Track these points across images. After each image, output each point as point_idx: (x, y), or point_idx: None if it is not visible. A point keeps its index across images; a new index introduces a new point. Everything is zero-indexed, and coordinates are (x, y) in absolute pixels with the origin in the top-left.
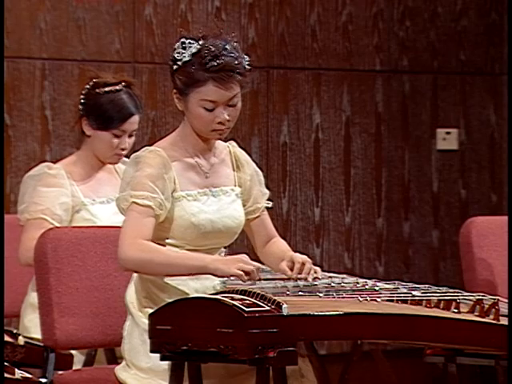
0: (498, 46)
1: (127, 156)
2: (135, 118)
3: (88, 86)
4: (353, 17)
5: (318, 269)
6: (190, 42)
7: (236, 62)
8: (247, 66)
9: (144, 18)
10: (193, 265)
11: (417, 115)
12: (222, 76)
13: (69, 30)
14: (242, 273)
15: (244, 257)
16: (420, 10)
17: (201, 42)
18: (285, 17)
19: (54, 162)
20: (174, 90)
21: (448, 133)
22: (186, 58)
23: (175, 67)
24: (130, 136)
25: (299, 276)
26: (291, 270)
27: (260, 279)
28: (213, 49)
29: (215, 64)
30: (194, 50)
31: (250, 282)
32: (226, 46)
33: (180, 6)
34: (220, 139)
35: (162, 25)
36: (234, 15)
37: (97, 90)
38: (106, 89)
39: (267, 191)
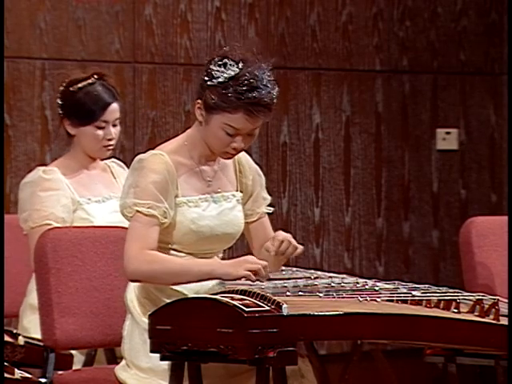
0: (497, 46)
1: (117, 158)
2: (114, 107)
3: (62, 87)
4: (353, 17)
5: (299, 247)
6: (230, 64)
7: (269, 98)
8: (275, 99)
9: (144, 18)
10: (201, 271)
11: (417, 115)
12: (254, 110)
13: (69, 30)
14: (249, 273)
15: (249, 257)
16: (420, 10)
17: (240, 66)
18: (285, 17)
19: (47, 165)
20: (199, 101)
21: (448, 133)
22: (222, 80)
23: (210, 83)
24: (114, 125)
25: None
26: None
27: (269, 277)
28: (251, 79)
29: (250, 96)
30: (232, 74)
31: (249, 282)
32: (264, 78)
33: (180, 6)
34: (227, 160)
35: (162, 25)
36: (233, 15)
37: (70, 89)
38: (79, 85)
39: (269, 197)
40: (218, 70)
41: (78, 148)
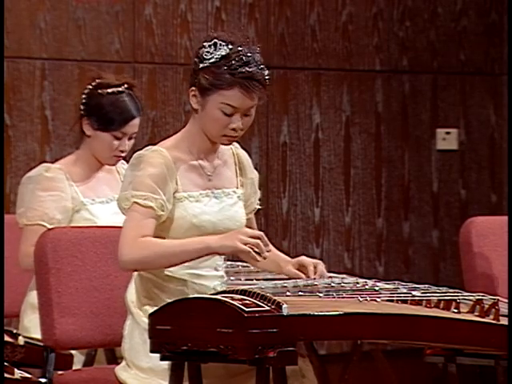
0: (497, 46)
1: (125, 159)
2: (136, 121)
3: (90, 86)
4: (353, 17)
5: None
6: (221, 44)
7: (262, 75)
8: (267, 80)
9: (144, 18)
10: (196, 248)
11: (417, 115)
12: (249, 84)
13: (69, 30)
14: (249, 249)
15: (242, 229)
16: (420, 10)
17: (230, 47)
18: (285, 17)
19: (53, 162)
20: (193, 88)
21: (448, 133)
22: (215, 59)
23: (201, 65)
24: (129, 138)
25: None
26: (303, 273)
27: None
28: (243, 56)
29: (244, 71)
30: (223, 53)
31: (250, 282)
32: (255, 56)
33: (180, 6)
34: (227, 145)
35: (162, 25)
36: (233, 15)
37: (99, 91)
38: (109, 90)
39: (258, 191)
40: (208, 52)
41: (88, 149)
